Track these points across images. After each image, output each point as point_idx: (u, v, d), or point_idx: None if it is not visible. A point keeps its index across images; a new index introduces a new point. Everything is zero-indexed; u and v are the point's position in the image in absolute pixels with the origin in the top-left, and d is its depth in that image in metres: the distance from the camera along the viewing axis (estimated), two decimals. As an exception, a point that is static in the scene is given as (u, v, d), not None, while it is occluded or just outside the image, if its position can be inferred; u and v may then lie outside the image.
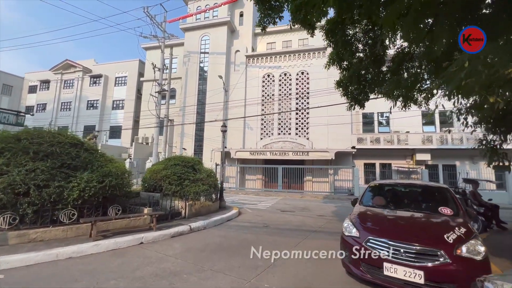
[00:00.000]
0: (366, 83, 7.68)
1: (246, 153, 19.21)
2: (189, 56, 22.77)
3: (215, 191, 8.45)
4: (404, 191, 4.14)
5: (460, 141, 16.66)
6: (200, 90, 22.13)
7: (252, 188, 19.12)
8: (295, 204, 11.77)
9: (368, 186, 4.35)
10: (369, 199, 4.00)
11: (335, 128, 18.42)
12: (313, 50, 20.04)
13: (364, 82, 7.71)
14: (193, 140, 21.54)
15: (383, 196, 3.96)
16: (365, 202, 3.97)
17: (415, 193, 4.03)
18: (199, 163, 8.55)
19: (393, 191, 4.19)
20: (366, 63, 7.63)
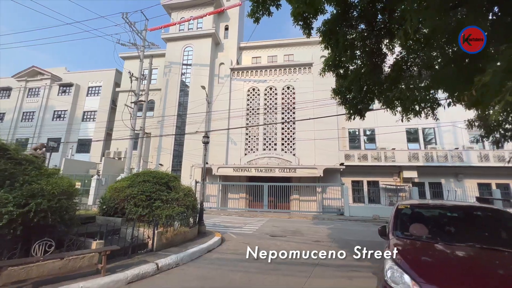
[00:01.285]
0: (367, 91, 7.00)
1: (229, 170, 17.84)
2: (170, 67, 21.66)
3: (193, 214, 7.02)
4: (448, 216, 3.16)
5: (445, 158, 16.67)
6: (181, 103, 20.84)
7: (236, 208, 17.57)
8: (285, 227, 10.50)
9: (396, 208, 3.32)
10: (405, 227, 2.95)
11: (322, 144, 17.80)
12: (299, 66, 19.85)
13: (365, 89, 7.02)
14: (171, 155, 19.83)
15: (422, 222, 2.94)
16: (400, 231, 2.91)
17: (463, 217, 3.06)
18: (175, 179, 7.15)
19: (433, 216, 3.19)
20: (365, 71, 6.99)
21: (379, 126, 18.39)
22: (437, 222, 3.03)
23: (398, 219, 3.10)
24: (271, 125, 19.40)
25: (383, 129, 18.36)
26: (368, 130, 19.28)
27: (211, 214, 15.00)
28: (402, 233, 2.87)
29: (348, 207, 15.25)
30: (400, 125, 17.89)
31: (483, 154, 16.33)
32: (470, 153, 16.42)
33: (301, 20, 6.27)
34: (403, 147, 18.00)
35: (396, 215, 3.15)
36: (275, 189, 16.61)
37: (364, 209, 15.75)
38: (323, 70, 7.54)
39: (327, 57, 7.40)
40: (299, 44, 22.09)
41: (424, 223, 2.89)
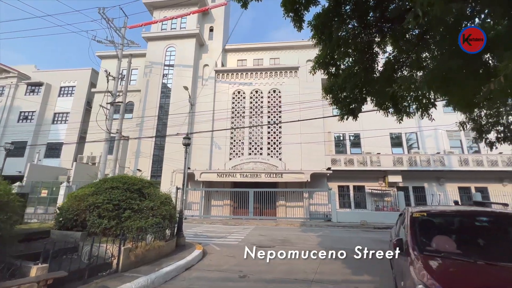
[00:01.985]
0: (361, 90, 6.64)
1: (213, 175, 16.96)
2: (151, 67, 20.60)
3: (171, 225, 6.19)
4: (472, 224, 2.68)
5: (427, 162, 16.91)
6: (162, 105, 19.78)
7: (220, 216, 16.65)
8: (272, 235, 9.84)
9: (411, 217, 2.81)
10: (426, 241, 2.43)
11: (309, 149, 17.49)
12: (285, 69, 19.60)
13: (358, 88, 6.67)
14: (151, 160, 18.63)
15: (445, 233, 2.43)
16: (422, 245, 2.37)
17: (489, 227, 2.60)
18: (150, 185, 6.31)
19: (455, 225, 2.71)
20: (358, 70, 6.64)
21: (365, 130, 18.47)
22: (461, 232, 2.56)
23: (416, 230, 2.58)
24: (257, 129, 18.86)
25: (368, 133, 18.44)
26: (354, 135, 19.27)
27: (193, 223, 14.04)
28: (425, 248, 2.34)
29: (336, 213, 14.90)
30: (384, 128, 18.17)
31: (463, 158, 16.76)
32: (451, 157, 16.80)
33: (292, 11, 5.79)
34: (387, 151, 18.11)
35: (412, 226, 2.63)
36: (261, 195, 15.95)
37: (351, 214, 15.49)
38: (314, 68, 7.08)
39: (318, 54, 6.97)
40: (285, 48, 21.95)
41: (447, 235, 2.39)
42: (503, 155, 16.56)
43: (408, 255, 2.32)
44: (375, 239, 9.10)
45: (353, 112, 6.84)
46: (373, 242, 8.64)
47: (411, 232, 2.54)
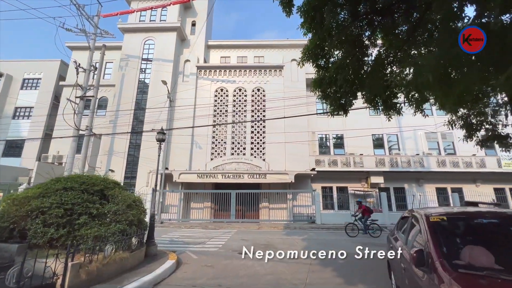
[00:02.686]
0: (352, 84, 6.24)
1: (193, 176, 16.02)
2: (128, 61, 19.25)
3: (139, 231, 5.35)
4: (504, 230, 2.23)
5: (408, 163, 17.19)
6: (139, 101, 18.51)
7: (199, 219, 15.73)
8: (255, 239, 9.21)
9: (428, 222, 2.30)
10: (454, 252, 1.93)
11: (293, 150, 17.13)
12: (270, 68, 19.16)
13: (350, 82, 6.27)
14: (125, 160, 17.27)
15: (476, 243, 1.95)
16: (454, 259, 1.86)
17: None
18: (116, 186, 5.44)
19: (486, 231, 2.24)
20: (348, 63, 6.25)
21: (348, 129, 18.49)
22: (494, 240, 2.08)
23: (440, 238, 2.07)
24: (240, 128, 18.19)
25: (351, 134, 18.47)
26: (337, 136, 19.22)
27: (170, 228, 13.05)
28: (455, 262, 1.83)
29: (320, 215, 14.60)
30: (366, 128, 18.30)
31: (440, 159, 17.23)
32: (430, 158, 17.21)
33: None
34: (370, 152, 18.22)
35: (434, 233, 2.13)
36: (243, 197, 15.28)
37: (335, 216, 15.27)
38: (302, 60, 6.61)
39: (307, 45, 6.51)
40: (270, 47, 21.55)
41: (480, 244, 1.91)
42: (476, 157, 17.24)
43: (433, 271, 1.80)
44: (365, 243, 8.77)
45: (344, 108, 6.44)
46: (362, 245, 8.28)
47: (434, 241, 2.03)
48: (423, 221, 2.34)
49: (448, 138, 18.68)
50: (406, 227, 2.94)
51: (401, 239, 2.93)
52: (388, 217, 14.19)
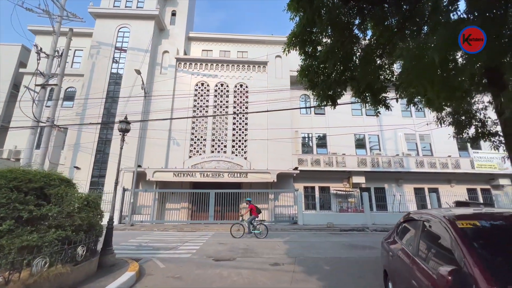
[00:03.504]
0: (343, 73, 5.73)
1: (169, 174, 14.92)
2: (99, 49, 17.66)
3: (90, 239, 4.40)
4: None
5: (388, 164, 17.33)
6: (111, 92, 17.01)
7: (175, 221, 14.65)
8: (233, 243, 8.47)
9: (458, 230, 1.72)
10: (505, 273, 1.35)
11: (276, 148, 16.60)
12: (254, 63, 18.49)
13: (339, 71, 5.75)
14: (93, 156, 15.74)
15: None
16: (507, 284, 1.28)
17: None
18: (61, 183, 4.45)
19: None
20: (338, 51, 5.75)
21: (330, 127, 18.34)
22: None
23: (481, 253, 1.50)
24: (221, 125, 17.33)
25: (334, 134, 18.34)
26: (321, 135, 18.99)
27: (141, 230, 11.92)
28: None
29: (302, 215, 14.16)
30: (349, 126, 18.24)
31: (419, 160, 17.56)
32: (409, 159, 17.48)
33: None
34: (352, 152, 18.19)
35: (469, 246, 1.56)
36: (223, 197, 14.46)
37: (317, 216, 14.93)
38: (288, 46, 6.01)
39: (293, 30, 5.92)
40: (254, 42, 20.90)
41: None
42: (451, 158, 17.79)
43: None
44: (346, 244, 8.36)
45: (333, 99, 5.91)
46: (345, 247, 7.86)
47: (475, 258, 1.44)
48: (448, 227, 1.77)
49: (426, 139, 19.14)
50: (413, 233, 2.37)
51: (406, 247, 2.37)
52: (370, 218, 14.07)
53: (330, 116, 18.99)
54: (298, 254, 6.86)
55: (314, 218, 14.32)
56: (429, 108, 7.40)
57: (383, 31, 5.85)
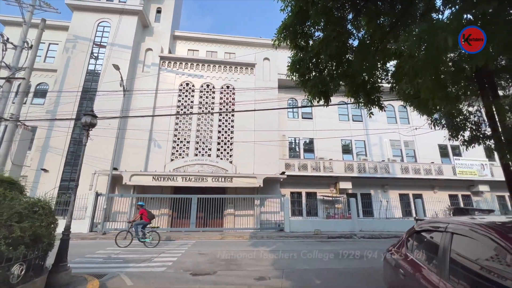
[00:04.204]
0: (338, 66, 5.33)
1: (148, 178, 13.92)
2: (75, 43, 16.52)
3: (35, 254, 3.59)
4: None
5: (375, 170, 17.30)
6: (87, 89, 15.86)
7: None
8: (215, 254, 7.74)
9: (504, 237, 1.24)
10: None
11: (262, 152, 16.08)
12: (241, 65, 18.04)
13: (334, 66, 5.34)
14: (64, 157, 14.45)
15: None
16: None
17: None
18: (2, 184, 3.63)
19: None
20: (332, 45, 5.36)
21: (317, 130, 18.15)
22: None
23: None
24: (206, 127, 16.60)
25: (321, 139, 18.15)
26: (306, 142, 18.73)
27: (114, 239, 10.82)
28: None
29: (289, 222, 13.62)
30: (336, 130, 18.13)
31: (404, 166, 17.68)
32: (394, 165, 17.55)
33: None
34: (339, 157, 18.03)
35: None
36: (206, 203, 13.65)
37: (304, 223, 14.46)
38: (278, 39, 5.56)
39: (284, 22, 5.50)
40: (242, 44, 20.53)
41: None
42: (435, 165, 18.08)
43: None
44: (336, 253, 7.89)
45: (326, 96, 5.47)
46: (335, 257, 7.37)
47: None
48: (502, 241, 1.29)
49: (410, 146, 19.41)
50: (437, 248, 1.88)
51: (428, 266, 1.87)
52: (358, 224, 13.79)
53: (317, 120, 18.84)
54: (286, 265, 6.28)
55: (301, 225, 13.83)
56: (419, 112, 7.18)
57: (376, 29, 5.58)
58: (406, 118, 20.06)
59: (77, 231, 12.15)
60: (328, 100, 5.42)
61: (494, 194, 18.68)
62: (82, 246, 9.02)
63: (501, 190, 18.95)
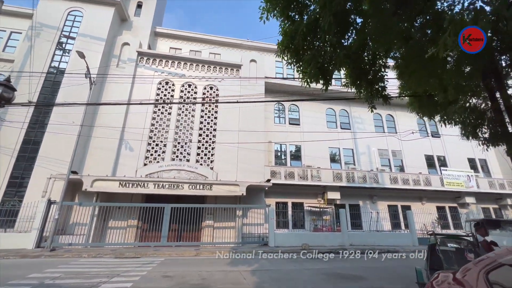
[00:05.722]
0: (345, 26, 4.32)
1: (113, 184, 12.13)
2: (41, 31, 14.76)
3: None
4: None
5: (364, 179, 16.54)
6: (49, 82, 14.03)
7: (119, 244, 11.71)
8: (185, 276, 6.25)
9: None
10: None
11: (246, 158, 14.83)
12: (226, 65, 17.01)
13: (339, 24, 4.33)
14: (14, 158, 12.36)
15: None
16: None
17: None
18: None
19: None
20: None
21: (305, 137, 17.27)
22: None
23: None
24: (185, 129, 15.17)
25: (308, 146, 17.29)
26: (293, 148, 17.78)
27: (62, 257, 8.97)
28: None
29: (274, 235, 12.29)
30: (324, 139, 17.32)
31: (392, 176, 17.09)
32: (383, 175, 16.92)
33: None
34: (327, 166, 17.17)
35: None
36: (181, 213, 12.02)
37: (290, 236, 13.18)
38: (267, 8, 4.51)
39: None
40: (228, 45, 19.62)
41: None
42: (423, 175, 17.67)
43: None
44: (329, 273, 6.66)
45: (325, 74, 4.41)
46: (328, 277, 6.13)
47: None
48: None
49: (398, 155, 19.00)
50: None
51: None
52: (348, 237, 12.71)
53: (305, 127, 18.05)
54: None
55: (287, 239, 12.53)
56: (420, 112, 6.32)
57: (379, 13, 4.72)
58: (394, 127, 19.77)
59: (20, 246, 10.09)
60: (328, 82, 4.36)
61: (479, 206, 18.49)
62: (15, 267, 7.14)
63: (486, 202, 18.87)
